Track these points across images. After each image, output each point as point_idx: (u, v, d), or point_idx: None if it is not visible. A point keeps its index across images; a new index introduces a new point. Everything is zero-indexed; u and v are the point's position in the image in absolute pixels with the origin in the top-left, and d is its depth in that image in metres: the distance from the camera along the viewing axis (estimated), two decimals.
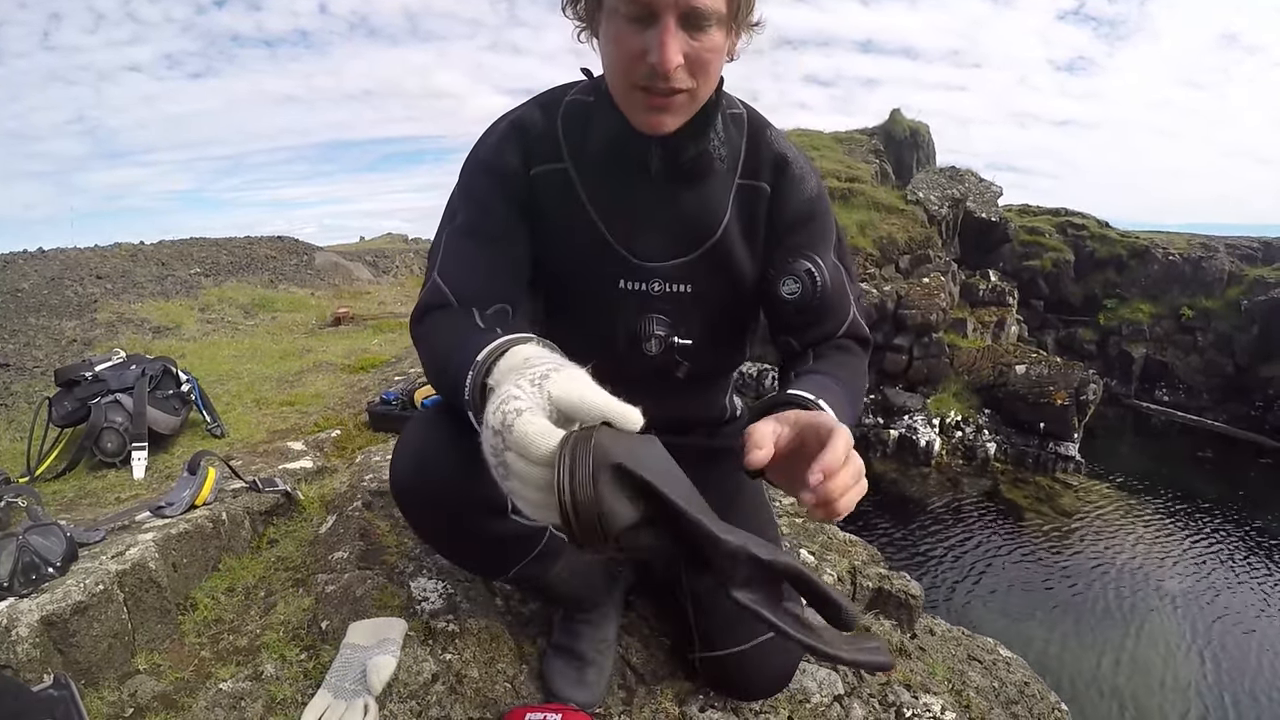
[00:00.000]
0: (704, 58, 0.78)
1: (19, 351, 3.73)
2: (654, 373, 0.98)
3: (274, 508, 1.54)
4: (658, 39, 0.75)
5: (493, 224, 0.91)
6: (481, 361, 0.65)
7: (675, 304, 0.96)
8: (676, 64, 0.76)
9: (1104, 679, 4.61)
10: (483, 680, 1.05)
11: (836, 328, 0.99)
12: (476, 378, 0.65)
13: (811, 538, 1.71)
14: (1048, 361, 8.94)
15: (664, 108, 0.81)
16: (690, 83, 0.80)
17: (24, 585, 1.03)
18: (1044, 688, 1.47)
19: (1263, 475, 8.68)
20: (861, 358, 1.00)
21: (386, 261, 10.46)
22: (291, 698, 1.00)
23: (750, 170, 0.94)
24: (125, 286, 5.74)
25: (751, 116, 0.96)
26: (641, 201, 0.92)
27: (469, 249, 0.91)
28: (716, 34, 0.78)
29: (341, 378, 3.32)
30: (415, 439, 0.88)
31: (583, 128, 0.91)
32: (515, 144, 0.91)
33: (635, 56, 0.77)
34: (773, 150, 0.95)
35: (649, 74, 0.77)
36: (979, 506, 7.33)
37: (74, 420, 1.92)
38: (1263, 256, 11.91)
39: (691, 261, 0.94)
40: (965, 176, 12.17)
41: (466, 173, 0.94)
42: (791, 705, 1.08)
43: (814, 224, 0.97)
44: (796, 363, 0.98)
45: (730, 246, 0.95)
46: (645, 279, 0.94)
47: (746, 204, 0.95)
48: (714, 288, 0.96)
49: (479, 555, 0.97)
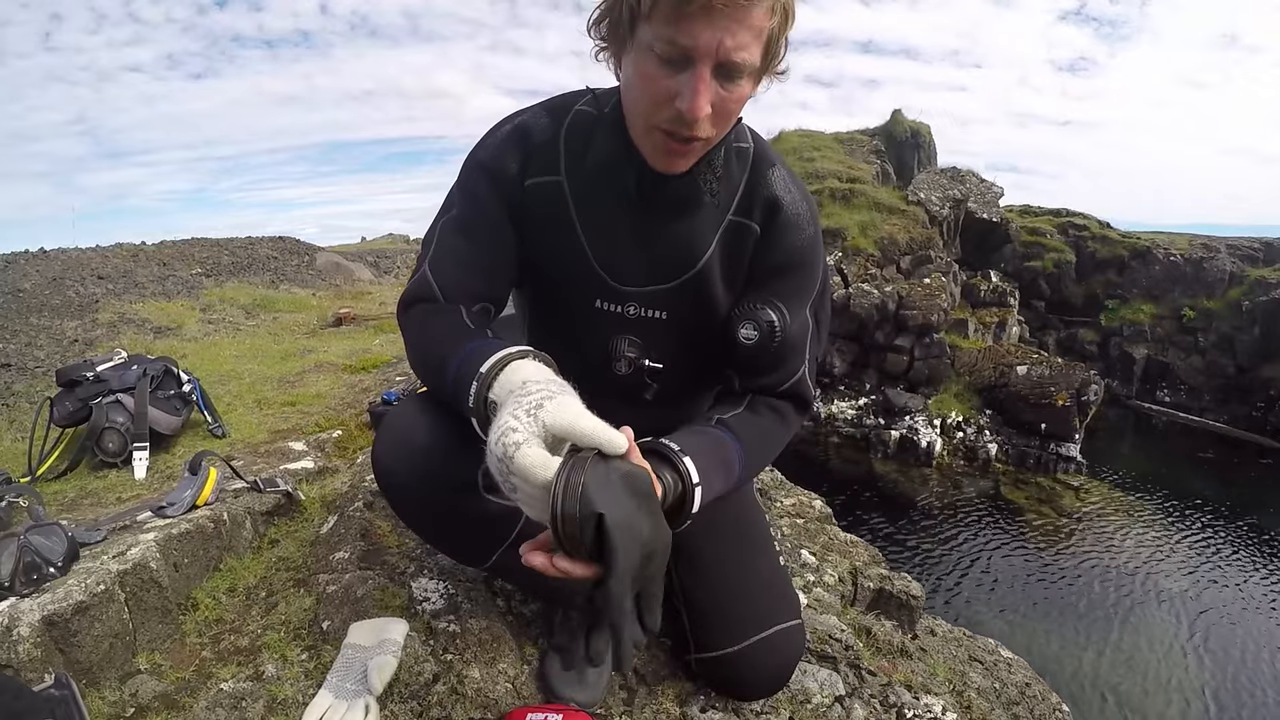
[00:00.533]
0: (730, 108, 0.78)
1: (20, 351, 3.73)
2: (623, 390, 0.99)
3: (275, 508, 1.54)
4: (690, 85, 0.73)
5: (485, 224, 0.93)
6: (485, 374, 0.73)
7: (648, 329, 0.96)
8: (705, 114, 0.75)
9: (1105, 679, 4.61)
10: (484, 680, 1.05)
11: (780, 383, 0.98)
12: (480, 389, 0.73)
13: (813, 539, 1.71)
14: (1049, 362, 8.94)
15: (681, 152, 0.81)
16: (711, 132, 0.79)
17: (25, 585, 1.03)
18: (1045, 688, 1.46)
19: (1264, 476, 8.68)
20: (791, 424, 1.01)
21: (388, 262, 10.47)
22: (292, 698, 1.00)
23: (744, 208, 0.94)
24: (126, 287, 5.75)
25: (757, 151, 0.95)
26: (626, 226, 0.92)
27: (460, 245, 0.93)
28: (746, 85, 0.78)
29: (343, 378, 3.32)
30: (395, 423, 0.92)
31: (585, 141, 0.91)
32: (516, 150, 0.91)
33: (663, 100, 0.76)
34: (770, 191, 0.94)
35: (675, 119, 0.76)
36: (980, 507, 7.33)
37: (75, 420, 1.92)
38: (1264, 257, 11.89)
39: (669, 290, 0.94)
40: (966, 177, 12.17)
41: (466, 170, 0.95)
42: (792, 706, 1.08)
43: (794, 275, 0.96)
44: (727, 401, 0.99)
45: (709, 279, 0.94)
46: (621, 301, 0.95)
47: (734, 240, 0.94)
48: (689, 317, 0.97)
49: (460, 535, 1.00)
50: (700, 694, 1.09)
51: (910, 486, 7.82)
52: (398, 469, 0.89)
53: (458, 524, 0.95)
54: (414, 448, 0.87)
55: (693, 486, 0.79)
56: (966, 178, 12.15)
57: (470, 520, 0.94)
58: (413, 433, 0.88)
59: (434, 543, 1.14)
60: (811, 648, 1.20)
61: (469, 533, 0.98)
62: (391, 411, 0.97)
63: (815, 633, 1.24)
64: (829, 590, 1.47)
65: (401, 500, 0.95)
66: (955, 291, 9.92)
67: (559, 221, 0.93)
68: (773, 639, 1.03)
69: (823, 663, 1.19)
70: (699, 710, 1.06)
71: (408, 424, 0.90)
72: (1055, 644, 4.97)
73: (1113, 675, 4.66)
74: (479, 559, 1.05)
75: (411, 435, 0.88)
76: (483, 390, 0.73)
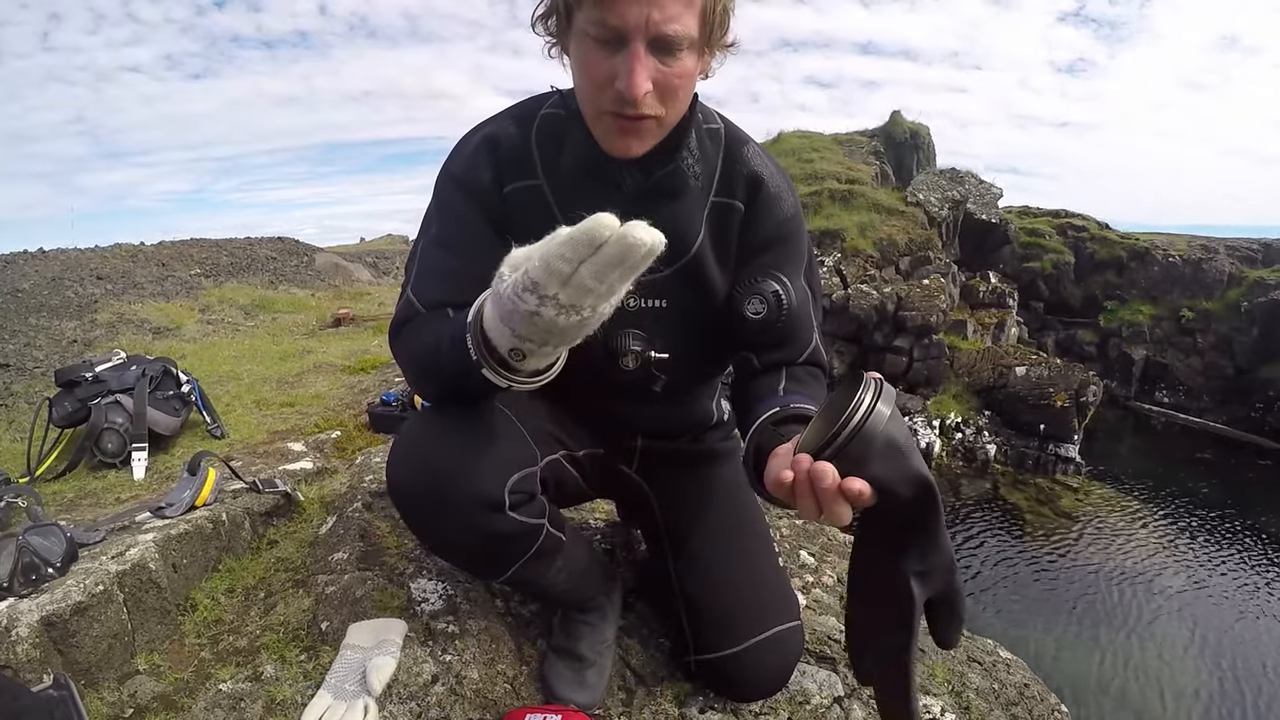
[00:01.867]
0: (673, 84, 0.78)
1: (19, 352, 3.73)
2: (632, 386, 0.98)
3: (274, 509, 1.54)
4: (626, 65, 0.74)
5: (466, 238, 0.90)
6: (474, 312, 0.67)
7: (650, 319, 0.96)
8: (645, 90, 0.75)
9: (1104, 680, 4.61)
10: (483, 681, 1.05)
11: (799, 352, 0.98)
12: (474, 325, 0.67)
13: (811, 539, 1.71)
14: (1048, 363, 8.95)
15: (632, 132, 0.81)
16: (659, 109, 0.79)
17: (24, 585, 1.03)
18: (1044, 689, 1.46)
19: (1263, 476, 8.69)
20: (825, 387, 0.99)
21: (386, 262, 10.48)
22: (291, 699, 1.00)
23: (725, 188, 0.94)
24: (125, 287, 5.75)
25: (729, 132, 0.96)
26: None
27: (443, 262, 0.90)
28: (687, 59, 0.78)
29: (341, 379, 3.32)
30: (410, 438, 0.88)
31: (558, 143, 0.90)
32: (487, 160, 0.91)
33: (603, 81, 0.76)
34: (749, 168, 0.94)
35: (617, 99, 0.76)
36: (979, 508, 7.33)
37: (74, 421, 1.92)
38: (1263, 258, 11.92)
39: (666, 277, 0.94)
40: (965, 178, 12.19)
41: (440, 187, 0.93)
42: (791, 707, 1.08)
43: (785, 246, 0.97)
44: (760, 381, 0.96)
45: (703, 263, 0.95)
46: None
47: (720, 221, 0.95)
48: (688, 303, 0.96)
49: (478, 554, 0.97)
50: (699, 695, 1.09)
51: None
52: (415, 489, 0.86)
53: (478, 542, 0.92)
54: (434, 467, 0.84)
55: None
56: (965, 179, 12.16)
57: (491, 537, 0.91)
58: (433, 451, 0.85)
59: (448, 558, 1.11)
60: (810, 649, 1.20)
61: (488, 549, 0.94)
62: (408, 426, 0.92)
63: (814, 634, 1.24)
64: (828, 591, 1.47)
65: (419, 520, 0.91)
66: (954, 292, 9.93)
67: (545, 225, 0.93)
68: (773, 640, 1.03)
69: (822, 664, 1.19)
70: (698, 711, 1.06)
71: (427, 441, 0.86)
72: (1054, 645, 4.98)
73: (1112, 676, 4.66)
74: (496, 573, 1.03)
75: (431, 454, 0.85)
76: (476, 325, 0.67)
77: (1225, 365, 10.87)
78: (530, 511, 0.91)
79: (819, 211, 10.68)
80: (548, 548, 0.96)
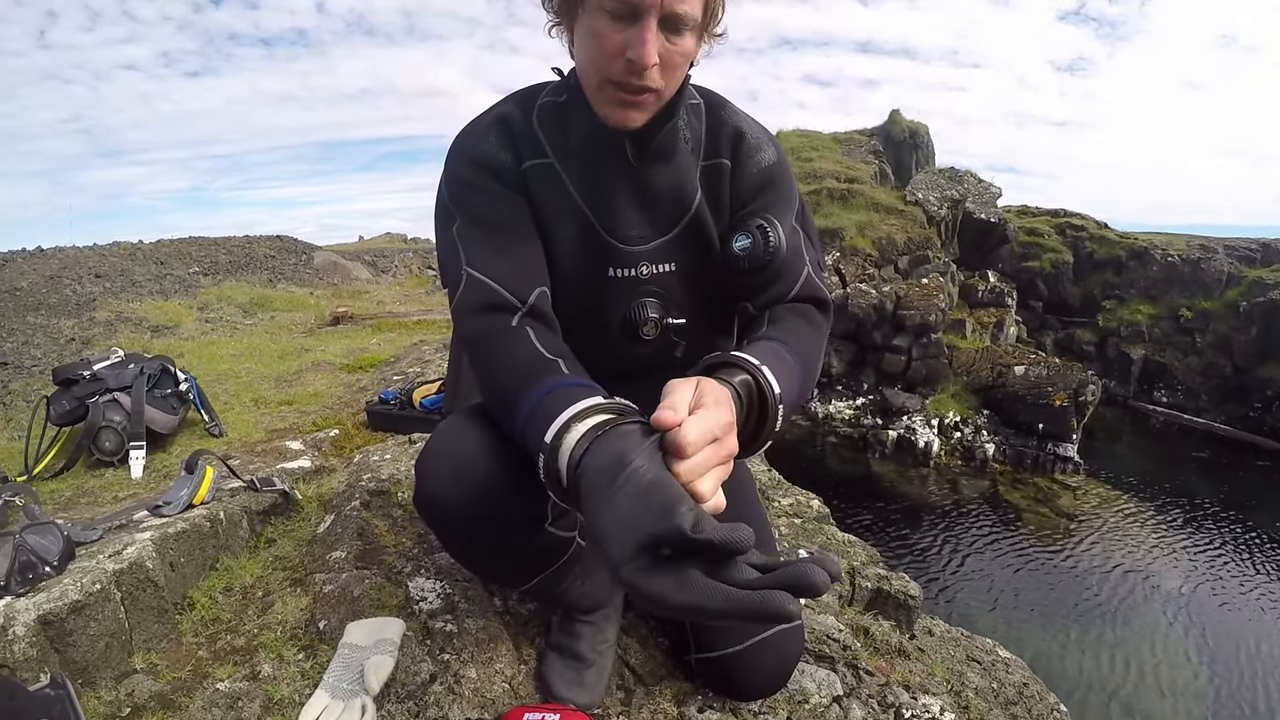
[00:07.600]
0: (676, 60, 0.83)
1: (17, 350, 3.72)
2: (653, 357, 1.00)
3: (272, 507, 1.54)
4: (639, 36, 0.78)
5: (502, 212, 0.91)
6: (553, 435, 0.68)
7: (663, 284, 0.98)
8: (654, 62, 0.79)
9: (1103, 680, 4.62)
10: (481, 680, 1.05)
11: (788, 289, 0.98)
12: (550, 450, 0.67)
13: (811, 538, 1.71)
14: (1046, 362, 8.96)
15: (633, 104, 0.85)
16: (660, 83, 0.83)
17: (21, 584, 1.03)
18: (1042, 688, 1.47)
19: (1261, 476, 8.70)
20: (819, 323, 0.99)
21: (385, 261, 10.46)
22: (289, 698, 1.00)
23: (711, 150, 0.98)
24: (124, 285, 5.74)
25: (708, 99, 1.00)
26: (621, 188, 0.94)
27: (490, 238, 0.90)
28: (690, 39, 0.83)
29: (340, 377, 3.32)
30: (450, 449, 0.86)
31: (560, 126, 0.93)
32: (503, 139, 0.92)
33: (614, 52, 0.80)
34: (729, 126, 0.98)
35: (625, 69, 0.80)
36: (978, 507, 7.34)
37: (72, 419, 1.92)
38: (1261, 258, 11.92)
39: (671, 240, 0.97)
40: (964, 177, 12.18)
41: (459, 172, 0.92)
42: (790, 706, 1.08)
43: (771, 190, 0.99)
44: (752, 327, 0.97)
45: (704, 222, 0.98)
46: (633, 264, 0.96)
47: (712, 182, 0.98)
48: (695, 264, 0.99)
49: (510, 565, 0.98)
50: (698, 694, 1.09)
51: (908, 486, 7.82)
52: (455, 499, 0.84)
53: (509, 554, 0.92)
54: (473, 478, 0.83)
55: (771, 389, 0.76)
56: (964, 178, 12.16)
57: (528, 551, 0.91)
58: (471, 460, 0.83)
59: (475, 567, 1.12)
60: (810, 648, 1.20)
61: (518, 561, 0.95)
62: (441, 430, 0.90)
63: (813, 633, 1.24)
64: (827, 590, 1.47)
65: (453, 529, 0.90)
66: (953, 292, 9.93)
67: (559, 199, 0.94)
68: (773, 639, 1.03)
69: (821, 663, 1.18)
70: (697, 710, 1.06)
71: (466, 448, 0.84)
72: (1053, 644, 4.98)
73: (1110, 675, 4.67)
74: (520, 583, 1.04)
75: (474, 463, 0.83)
76: (552, 462, 0.67)
77: (1224, 365, 10.88)
78: (566, 524, 0.93)
79: (818, 210, 10.67)
80: (573, 557, 0.97)
